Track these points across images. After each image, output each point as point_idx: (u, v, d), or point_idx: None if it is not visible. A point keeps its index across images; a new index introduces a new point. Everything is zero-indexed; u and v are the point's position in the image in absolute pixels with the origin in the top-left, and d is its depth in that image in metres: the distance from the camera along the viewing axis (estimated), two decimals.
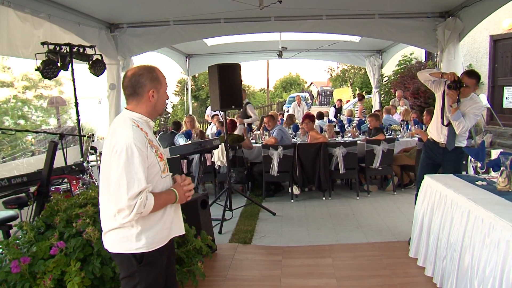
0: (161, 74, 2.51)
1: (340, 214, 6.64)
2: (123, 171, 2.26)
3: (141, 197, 2.26)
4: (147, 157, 2.34)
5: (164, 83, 2.51)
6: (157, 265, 2.48)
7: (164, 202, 2.44)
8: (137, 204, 2.24)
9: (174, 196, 2.48)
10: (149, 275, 2.45)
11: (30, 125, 17.34)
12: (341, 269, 4.55)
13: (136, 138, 2.31)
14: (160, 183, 2.46)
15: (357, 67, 27.84)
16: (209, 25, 7.73)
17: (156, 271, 2.48)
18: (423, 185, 4.57)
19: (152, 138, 2.49)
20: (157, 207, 2.38)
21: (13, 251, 3.12)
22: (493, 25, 12.30)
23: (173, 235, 2.59)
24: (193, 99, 32.86)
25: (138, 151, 2.28)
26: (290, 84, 54.59)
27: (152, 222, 2.42)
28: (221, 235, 5.83)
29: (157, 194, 2.37)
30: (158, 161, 2.43)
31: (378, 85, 13.85)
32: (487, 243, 2.96)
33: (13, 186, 4.00)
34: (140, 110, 2.48)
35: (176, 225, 2.60)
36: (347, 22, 7.64)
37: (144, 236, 2.39)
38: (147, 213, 2.32)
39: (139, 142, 2.30)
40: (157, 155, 2.43)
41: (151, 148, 2.39)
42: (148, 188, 2.31)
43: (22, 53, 5.58)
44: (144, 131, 2.41)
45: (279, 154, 7.32)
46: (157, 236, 2.44)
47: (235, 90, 6.18)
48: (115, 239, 2.43)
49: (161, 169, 2.46)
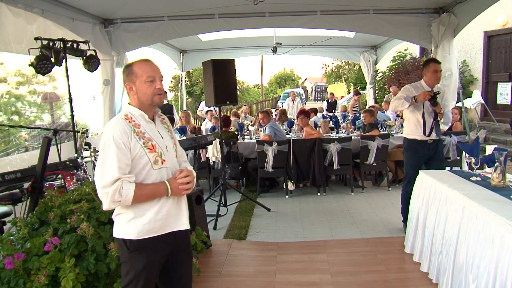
0: (139, 66, 2.51)
1: (335, 210, 6.66)
2: (99, 163, 2.38)
3: (115, 185, 2.31)
4: (129, 149, 2.40)
5: (142, 74, 2.48)
6: (146, 255, 2.48)
7: (152, 193, 2.45)
8: (109, 193, 2.31)
9: (164, 188, 2.47)
10: (138, 264, 2.48)
11: (24, 120, 17.28)
12: (336, 265, 4.56)
13: (116, 130, 2.39)
14: (152, 174, 2.48)
15: (351, 63, 27.82)
16: (204, 20, 7.70)
17: (145, 261, 2.48)
18: (418, 181, 4.60)
19: (148, 130, 2.51)
20: (143, 198, 2.42)
21: (7, 247, 3.10)
22: (487, 21, 12.34)
23: (170, 229, 2.55)
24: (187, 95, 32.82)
25: (114, 142, 2.36)
26: (285, 80, 54.57)
27: (143, 211, 2.46)
28: (216, 231, 5.83)
29: (141, 185, 2.41)
30: (147, 153, 2.45)
31: (372, 81, 13.88)
32: (482, 239, 2.97)
33: (6, 182, 3.97)
34: (133, 103, 2.56)
35: (174, 220, 2.57)
36: (341, 18, 7.62)
37: (134, 223, 2.45)
38: (128, 202, 2.36)
39: (118, 135, 2.38)
40: (145, 146, 2.45)
41: (139, 139, 2.44)
42: (127, 179, 2.36)
43: (15, 48, 5.53)
44: (137, 123, 2.48)
45: (274, 150, 7.32)
46: (147, 226, 2.46)
47: (229, 85, 6.18)
48: (115, 224, 2.56)
49: (151, 161, 2.46)
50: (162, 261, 2.58)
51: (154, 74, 2.51)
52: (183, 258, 2.71)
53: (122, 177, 2.34)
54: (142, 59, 2.56)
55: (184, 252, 2.72)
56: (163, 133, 2.61)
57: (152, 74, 2.51)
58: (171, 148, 2.62)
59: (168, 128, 2.72)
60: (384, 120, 9.43)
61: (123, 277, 2.54)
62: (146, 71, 2.50)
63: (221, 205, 6.36)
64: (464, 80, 13.11)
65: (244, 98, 38.47)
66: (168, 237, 2.55)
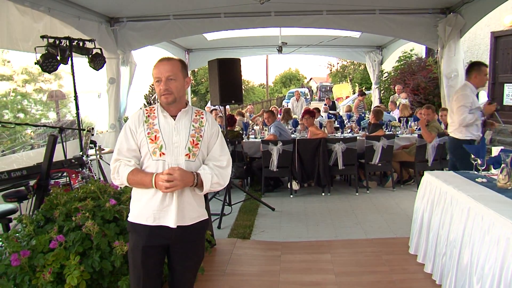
0: (154, 66, 2.62)
1: (339, 210, 6.65)
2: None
3: (116, 164, 2.60)
4: (136, 136, 2.61)
5: (154, 74, 2.61)
6: (133, 238, 2.66)
7: (140, 181, 2.55)
8: (111, 168, 2.61)
9: (149, 180, 2.51)
10: (130, 244, 2.70)
11: (30, 118, 17.33)
12: (340, 265, 4.55)
13: (132, 117, 2.68)
14: (151, 164, 2.59)
15: (356, 63, 27.77)
16: (209, 19, 7.71)
17: (131, 243, 2.68)
18: (423, 182, 4.58)
19: (162, 123, 2.62)
20: (134, 183, 2.58)
21: (12, 244, 3.12)
22: (494, 22, 12.26)
23: (161, 223, 2.56)
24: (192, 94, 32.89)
25: (125, 128, 2.64)
26: (290, 80, 54.56)
27: (139, 197, 2.64)
28: (220, 230, 5.83)
29: (135, 170, 2.57)
30: (148, 143, 2.57)
31: (378, 81, 13.85)
32: (487, 240, 2.96)
33: (12, 179, 4.00)
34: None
35: (170, 215, 2.56)
36: (347, 18, 7.62)
37: (132, 206, 2.69)
38: (122, 181, 2.58)
39: (130, 121, 2.64)
40: (148, 137, 2.57)
41: (146, 129, 2.60)
42: (126, 161, 2.58)
43: (22, 46, 5.56)
44: (155, 115, 2.65)
45: (279, 149, 7.31)
46: (138, 211, 2.63)
47: (235, 84, 6.17)
48: None
49: (150, 151, 2.56)
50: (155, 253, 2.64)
51: (160, 75, 2.57)
52: (185, 257, 2.71)
53: (121, 159, 2.60)
54: (160, 58, 2.65)
55: (186, 252, 2.71)
56: (182, 130, 2.63)
57: (158, 75, 2.57)
58: (182, 146, 2.60)
59: (200, 127, 2.69)
60: (389, 121, 9.40)
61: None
62: (155, 72, 2.60)
63: (226, 204, 6.35)
64: None
65: (249, 97, 38.49)
66: (161, 229, 2.58)
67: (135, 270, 2.64)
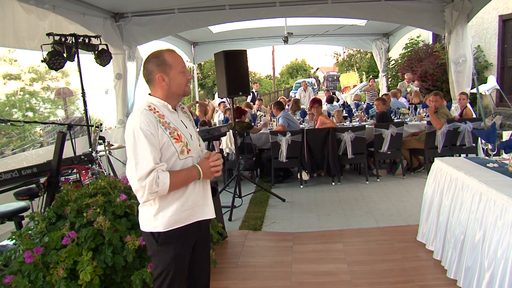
0: (171, 56, 2.48)
1: (350, 199, 6.64)
2: (131, 154, 2.33)
3: (151, 176, 2.28)
4: (157, 139, 2.35)
5: (177, 64, 2.47)
6: (175, 246, 2.47)
7: (186, 179, 2.44)
8: (147, 184, 2.27)
9: (196, 171, 2.46)
10: (166, 256, 2.46)
11: (38, 116, 17.43)
12: (352, 254, 4.55)
13: (142, 121, 2.33)
14: (178, 164, 2.44)
15: (363, 51, 27.61)
16: (214, 12, 7.69)
17: (174, 253, 2.46)
18: (433, 168, 4.55)
19: (172, 120, 2.48)
20: (177, 185, 2.40)
21: (26, 242, 3.14)
22: (502, 5, 12.12)
23: (197, 218, 2.54)
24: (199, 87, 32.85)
25: (143, 133, 2.31)
26: (296, 70, 54.36)
27: (169, 202, 2.43)
28: (231, 222, 5.85)
29: (174, 172, 2.39)
30: (173, 143, 2.41)
31: (385, 69, 13.78)
32: (499, 225, 2.94)
33: (23, 177, 4.01)
34: (157, 94, 2.51)
35: (201, 209, 2.56)
36: (353, 6, 7.56)
37: (161, 215, 2.42)
38: (165, 191, 2.34)
39: (145, 125, 2.32)
40: (172, 136, 2.41)
41: (165, 129, 2.39)
42: (160, 167, 2.33)
43: (28, 45, 5.58)
44: (161, 113, 2.44)
45: (287, 140, 7.29)
46: (174, 217, 2.44)
47: (242, 76, 6.15)
48: (140, 217, 2.53)
49: (178, 150, 2.43)
50: (190, 252, 2.57)
51: (185, 64, 2.55)
52: (204, 248, 2.73)
53: (156, 166, 2.31)
54: (168, 49, 2.55)
55: (206, 242, 2.74)
56: (186, 122, 2.60)
57: (184, 64, 2.54)
58: (195, 137, 2.60)
59: (188, 117, 2.69)
60: (398, 108, 9.34)
61: (154, 270, 2.55)
62: (180, 62, 2.50)
63: (236, 196, 6.37)
64: (478, 65, 12.92)
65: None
66: (195, 226, 2.54)
67: (180, 282, 2.54)
